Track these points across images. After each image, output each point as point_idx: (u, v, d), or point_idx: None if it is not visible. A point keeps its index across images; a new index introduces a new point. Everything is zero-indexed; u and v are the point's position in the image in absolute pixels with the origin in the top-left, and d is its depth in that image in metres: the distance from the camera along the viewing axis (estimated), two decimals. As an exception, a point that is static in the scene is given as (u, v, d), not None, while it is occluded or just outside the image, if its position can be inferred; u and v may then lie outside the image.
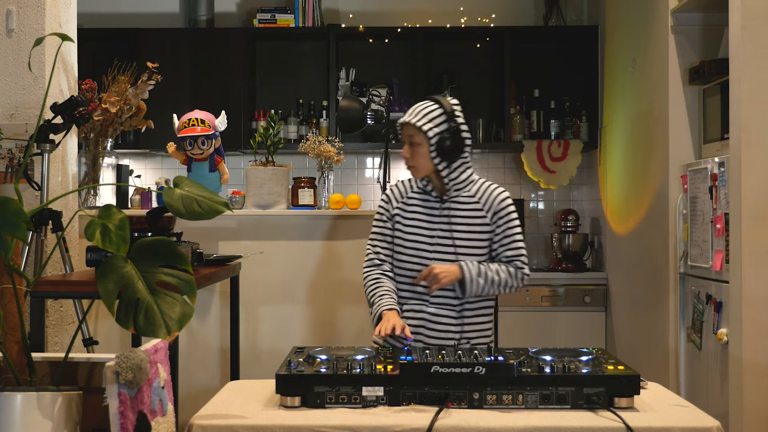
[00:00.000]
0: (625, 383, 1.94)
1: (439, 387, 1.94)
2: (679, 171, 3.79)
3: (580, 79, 5.32)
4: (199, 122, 3.12)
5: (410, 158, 2.57)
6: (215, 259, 3.23)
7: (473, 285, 2.53)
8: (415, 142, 2.55)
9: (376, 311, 2.55)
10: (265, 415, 1.90)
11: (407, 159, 2.59)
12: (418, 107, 2.57)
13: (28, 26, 3.24)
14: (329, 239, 3.87)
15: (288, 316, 3.88)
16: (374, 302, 2.57)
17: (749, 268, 3.04)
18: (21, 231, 1.55)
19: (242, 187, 4.45)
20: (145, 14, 5.54)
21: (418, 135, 2.54)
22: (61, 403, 1.57)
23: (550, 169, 5.20)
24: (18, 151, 3.23)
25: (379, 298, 2.56)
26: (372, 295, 2.60)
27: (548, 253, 5.46)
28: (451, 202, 2.62)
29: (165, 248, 1.68)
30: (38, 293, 2.56)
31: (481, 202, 2.62)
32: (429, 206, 2.63)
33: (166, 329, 1.57)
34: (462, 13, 5.45)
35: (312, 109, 5.37)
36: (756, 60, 3.05)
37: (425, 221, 2.62)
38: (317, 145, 3.95)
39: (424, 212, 2.63)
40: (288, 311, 3.88)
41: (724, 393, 3.24)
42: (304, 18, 5.31)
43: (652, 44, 4.08)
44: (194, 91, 5.20)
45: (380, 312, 2.52)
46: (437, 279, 2.50)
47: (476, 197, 2.63)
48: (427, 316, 2.59)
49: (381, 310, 2.53)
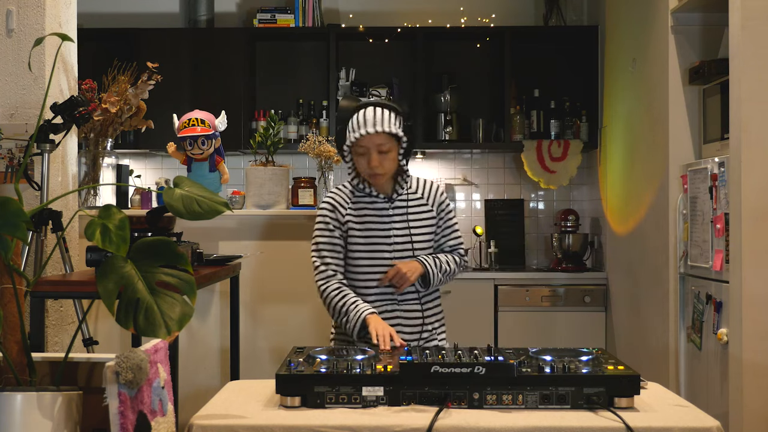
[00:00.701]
0: (625, 383, 1.94)
1: (439, 387, 1.94)
2: (679, 171, 3.79)
3: (580, 79, 5.32)
4: (199, 122, 3.12)
5: (379, 165, 2.56)
6: (215, 259, 3.23)
7: (435, 278, 2.63)
8: (384, 150, 2.55)
9: (355, 318, 2.52)
10: (265, 415, 1.90)
11: (375, 167, 2.55)
12: (378, 115, 2.54)
13: (28, 26, 3.24)
14: (329, 239, 3.86)
15: (288, 316, 3.88)
16: (348, 310, 2.55)
17: (749, 268, 3.04)
18: (21, 231, 1.55)
19: (242, 187, 4.45)
20: (145, 14, 5.54)
21: (389, 142, 2.56)
22: (61, 403, 1.57)
23: (550, 169, 5.20)
24: (18, 151, 3.23)
25: (353, 305, 2.55)
26: (342, 304, 2.57)
27: (548, 253, 5.46)
28: (398, 200, 2.67)
29: (165, 248, 1.68)
30: (38, 293, 2.56)
31: (424, 197, 2.71)
32: (378, 207, 2.66)
33: (166, 329, 1.57)
34: (462, 13, 5.45)
35: (312, 109, 5.37)
36: (756, 60, 3.05)
37: (378, 222, 2.64)
38: (317, 145, 3.95)
39: (376, 214, 2.65)
40: (288, 311, 3.88)
41: (724, 393, 3.24)
42: (304, 18, 5.31)
43: (652, 44, 4.08)
44: (194, 91, 5.20)
45: (363, 317, 2.51)
46: (405, 278, 2.56)
47: (418, 193, 2.71)
48: (401, 314, 2.65)
49: (363, 314, 2.51)
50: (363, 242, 2.63)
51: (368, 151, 2.55)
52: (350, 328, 2.55)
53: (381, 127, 2.52)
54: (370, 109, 2.57)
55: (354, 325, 2.53)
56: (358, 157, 2.58)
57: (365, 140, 2.54)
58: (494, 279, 4.90)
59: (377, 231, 2.63)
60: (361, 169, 2.61)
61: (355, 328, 2.53)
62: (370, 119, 2.54)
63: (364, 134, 2.52)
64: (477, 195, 5.54)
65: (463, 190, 5.55)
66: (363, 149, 2.56)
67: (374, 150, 2.55)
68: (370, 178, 2.62)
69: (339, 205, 2.67)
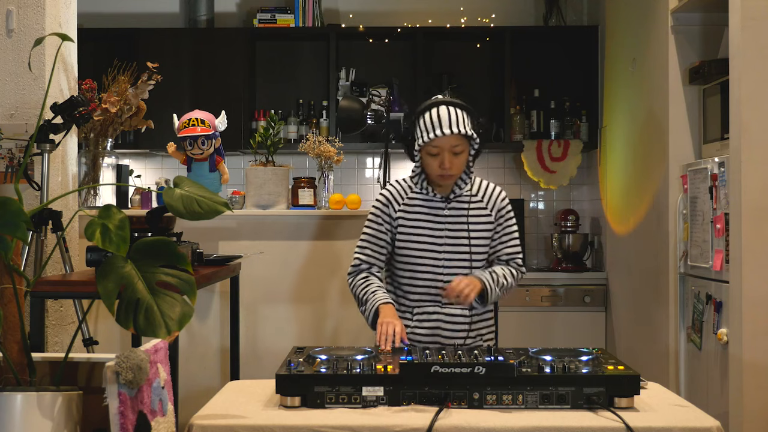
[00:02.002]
0: (625, 383, 1.94)
1: (439, 387, 1.94)
2: (679, 171, 3.79)
3: (580, 79, 5.32)
4: (199, 122, 3.11)
5: (450, 167, 2.49)
6: (215, 259, 3.23)
7: (493, 295, 2.54)
8: (458, 151, 2.49)
9: (371, 307, 2.51)
10: (265, 415, 1.90)
11: (448, 169, 2.49)
12: (452, 116, 2.46)
13: (28, 26, 3.24)
14: (329, 239, 3.87)
15: (288, 316, 3.88)
16: (367, 299, 2.54)
17: (749, 268, 3.04)
18: (21, 231, 1.55)
19: (242, 187, 4.45)
20: (145, 14, 5.54)
21: (462, 143, 2.49)
22: (61, 403, 1.57)
23: (550, 169, 5.20)
24: (18, 151, 3.23)
25: (372, 294, 2.54)
26: (364, 293, 2.56)
27: (548, 253, 5.45)
28: (455, 201, 2.60)
29: (165, 248, 1.68)
30: (38, 293, 2.56)
31: (484, 201, 2.63)
32: (433, 206, 2.60)
33: (166, 329, 1.57)
34: (462, 13, 5.45)
35: (312, 109, 5.37)
36: (756, 60, 3.05)
37: (430, 221, 2.59)
38: (317, 145, 3.95)
39: (429, 213, 2.60)
40: (288, 311, 3.88)
41: (724, 393, 3.24)
42: (304, 18, 5.31)
43: (652, 44, 4.08)
44: (194, 91, 5.20)
45: (376, 306, 2.49)
46: (465, 295, 2.47)
47: (479, 196, 2.63)
48: (443, 317, 2.59)
49: (377, 304, 2.50)
50: (411, 239, 2.58)
51: (442, 152, 2.48)
52: (367, 317, 2.54)
53: (457, 128, 2.45)
54: (444, 108, 2.48)
55: (369, 315, 2.52)
56: (430, 157, 2.51)
57: (440, 141, 2.47)
58: (494, 279, 4.89)
59: (428, 230, 2.58)
60: (431, 170, 2.53)
61: (370, 317, 2.52)
62: (445, 120, 2.45)
63: (439, 135, 2.44)
64: (477, 195, 5.53)
65: (463, 190, 5.54)
66: (437, 149, 2.48)
67: (448, 151, 2.48)
68: (439, 179, 2.55)
69: (393, 200, 2.63)
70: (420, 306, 2.60)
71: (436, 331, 2.58)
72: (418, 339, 2.60)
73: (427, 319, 2.59)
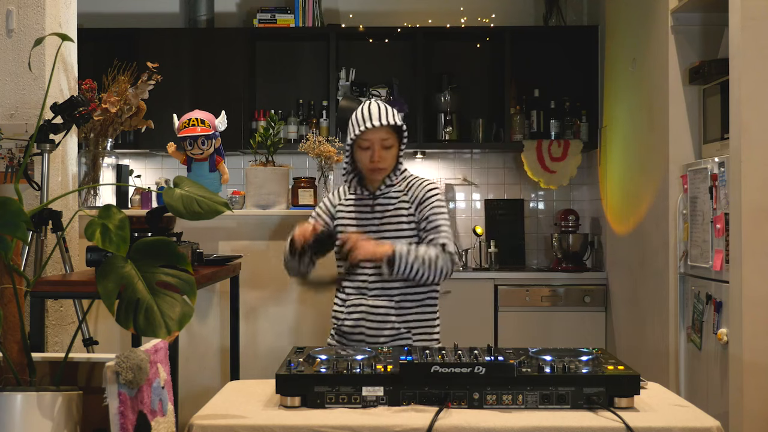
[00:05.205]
0: (625, 383, 1.94)
1: (439, 387, 1.94)
2: (679, 171, 3.79)
3: (580, 79, 5.32)
4: (199, 122, 3.12)
5: (380, 161, 2.59)
6: (215, 259, 3.23)
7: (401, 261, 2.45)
8: (387, 145, 2.59)
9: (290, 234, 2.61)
10: (265, 415, 1.90)
11: (378, 162, 2.58)
12: (381, 110, 2.58)
13: (28, 26, 3.24)
14: (329, 239, 3.86)
15: (288, 316, 3.88)
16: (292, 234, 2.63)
17: (749, 268, 3.04)
18: (21, 231, 1.55)
19: (242, 187, 4.44)
20: (145, 14, 5.54)
21: (392, 137, 2.60)
22: (61, 403, 1.57)
23: (550, 169, 5.20)
24: (18, 151, 3.23)
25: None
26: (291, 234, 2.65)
27: (548, 253, 5.45)
28: (382, 198, 2.67)
29: (165, 248, 1.68)
30: (38, 293, 2.56)
31: (408, 195, 2.68)
32: (361, 204, 2.70)
33: (166, 329, 1.57)
34: (462, 13, 5.45)
35: (312, 109, 5.37)
36: (756, 60, 3.05)
37: (359, 218, 2.67)
38: (317, 145, 3.95)
39: (357, 210, 2.69)
40: (288, 311, 3.88)
41: (724, 393, 3.24)
42: (304, 18, 5.31)
43: (652, 44, 4.08)
44: (194, 91, 5.20)
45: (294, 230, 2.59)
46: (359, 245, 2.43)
47: (404, 190, 2.69)
48: (366, 308, 2.61)
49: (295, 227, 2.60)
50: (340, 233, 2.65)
51: (372, 145, 2.58)
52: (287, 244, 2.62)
53: (386, 120, 2.56)
54: (374, 103, 2.61)
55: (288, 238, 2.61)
56: (361, 151, 2.61)
57: (370, 134, 2.57)
58: (494, 279, 4.90)
59: (357, 227, 2.66)
60: (363, 164, 2.63)
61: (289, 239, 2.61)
62: (375, 113, 2.57)
63: (369, 127, 2.55)
64: (477, 195, 5.54)
65: (463, 190, 5.55)
66: (367, 143, 2.59)
67: (378, 144, 2.58)
68: (371, 174, 2.64)
69: (336, 196, 2.78)
70: (348, 298, 2.66)
71: (360, 323, 2.61)
72: (345, 330, 2.64)
73: (354, 311, 2.63)
